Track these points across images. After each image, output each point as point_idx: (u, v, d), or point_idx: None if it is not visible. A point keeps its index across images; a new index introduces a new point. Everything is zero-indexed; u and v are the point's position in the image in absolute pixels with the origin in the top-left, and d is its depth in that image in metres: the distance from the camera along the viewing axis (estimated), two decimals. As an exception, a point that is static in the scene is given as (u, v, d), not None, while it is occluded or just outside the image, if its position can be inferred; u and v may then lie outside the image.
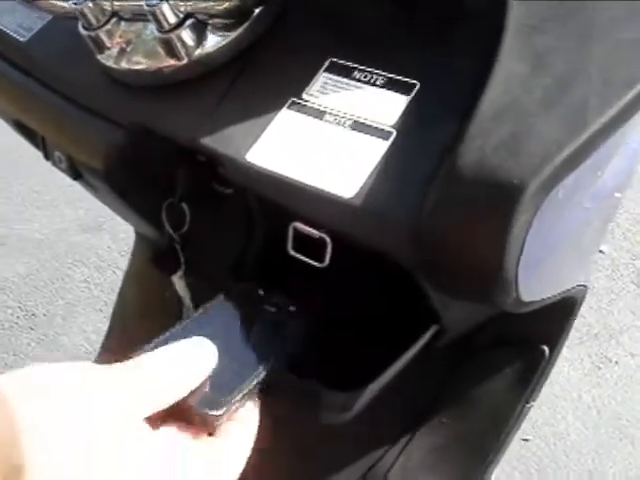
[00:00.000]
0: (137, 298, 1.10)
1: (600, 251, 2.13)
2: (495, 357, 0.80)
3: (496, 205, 0.47)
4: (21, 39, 0.79)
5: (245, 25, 0.64)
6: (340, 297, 0.66)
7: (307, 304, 0.61)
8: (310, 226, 0.59)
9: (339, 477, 0.85)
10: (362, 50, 0.61)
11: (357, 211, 0.53)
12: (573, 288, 0.72)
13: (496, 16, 0.54)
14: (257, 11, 0.64)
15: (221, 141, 0.60)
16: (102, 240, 2.37)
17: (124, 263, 2.28)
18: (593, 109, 0.48)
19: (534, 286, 0.56)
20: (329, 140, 0.57)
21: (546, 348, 0.78)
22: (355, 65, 0.61)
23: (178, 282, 0.74)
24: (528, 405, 0.81)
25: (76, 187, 0.94)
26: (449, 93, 0.56)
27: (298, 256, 0.61)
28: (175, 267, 0.72)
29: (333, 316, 0.63)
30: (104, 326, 1.26)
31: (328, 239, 0.58)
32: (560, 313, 0.76)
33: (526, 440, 1.71)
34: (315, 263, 0.60)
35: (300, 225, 0.59)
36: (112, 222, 2.27)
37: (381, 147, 0.55)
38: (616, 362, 1.91)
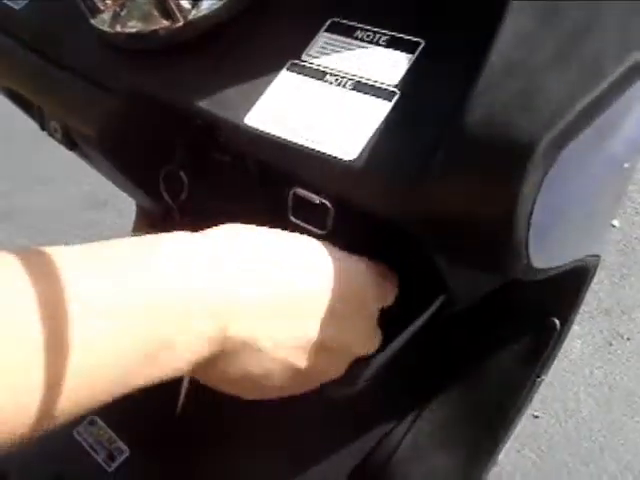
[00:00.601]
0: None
1: (612, 225, 2.11)
2: (505, 330, 0.78)
3: (506, 163, 0.45)
4: (15, 7, 0.78)
5: (242, -15, 0.62)
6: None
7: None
8: (311, 191, 0.57)
9: (346, 452, 0.84)
10: (364, 9, 0.59)
11: (359, 174, 0.51)
12: (586, 257, 0.70)
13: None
14: (255, -30, 0.62)
15: (219, 105, 0.59)
16: (107, 216, 2.36)
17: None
18: (608, 59, 0.46)
19: (545, 252, 0.55)
20: (330, 102, 0.55)
21: (557, 321, 0.76)
22: (357, 24, 0.58)
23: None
24: (539, 379, 0.79)
25: (80, 163, 0.93)
26: (455, 51, 0.54)
27: (299, 222, 0.59)
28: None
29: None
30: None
31: (330, 205, 0.56)
32: (572, 284, 0.74)
33: (537, 417, 1.70)
34: (316, 230, 0.58)
35: (301, 190, 0.57)
36: (117, 198, 2.26)
37: (384, 108, 0.53)
38: (628, 338, 1.89)
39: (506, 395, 0.80)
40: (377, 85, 0.54)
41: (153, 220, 0.78)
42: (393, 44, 0.56)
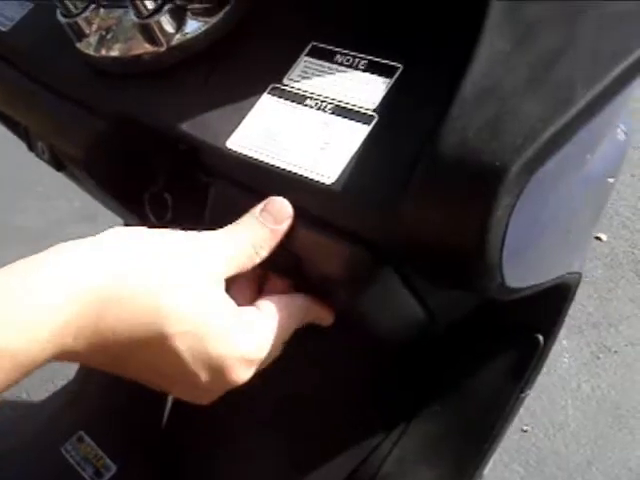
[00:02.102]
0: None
1: (598, 239, 2.12)
2: (489, 346, 0.79)
3: (478, 187, 0.46)
4: (2, 28, 0.78)
5: (225, 10, 0.63)
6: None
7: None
8: None
9: (333, 467, 0.84)
10: (344, 34, 0.60)
11: (338, 197, 0.52)
12: (565, 275, 0.71)
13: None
14: (237, -5, 0.63)
15: (201, 128, 0.60)
16: (97, 231, 2.35)
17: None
18: (579, 85, 0.47)
19: (521, 272, 0.55)
20: (310, 125, 0.56)
21: (541, 337, 0.77)
22: (337, 49, 0.59)
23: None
24: (523, 394, 0.80)
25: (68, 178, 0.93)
26: (432, 75, 0.55)
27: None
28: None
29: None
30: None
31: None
32: (554, 301, 0.75)
33: (525, 431, 1.70)
34: None
35: None
36: (107, 213, 2.26)
37: (362, 132, 0.54)
38: (615, 351, 1.90)
39: (491, 410, 0.80)
40: (356, 109, 0.55)
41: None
42: (372, 68, 0.57)
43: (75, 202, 2.41)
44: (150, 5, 0.61)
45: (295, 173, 0.54)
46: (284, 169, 0.55)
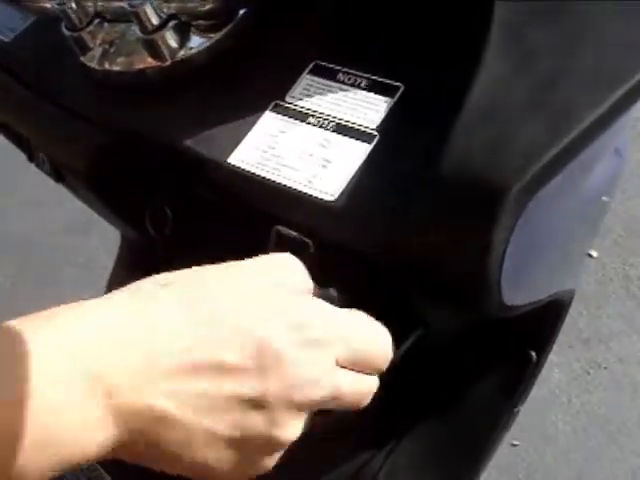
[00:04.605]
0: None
1: (590, 256, 2.13)
2: (482, 361, 0.79)
3: (479, 208, 0.46)
4: (4, 39, 0.79)
5: (229, 27, 0.64)
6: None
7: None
8: (293, 229, 0.58)
9: (327, 476, 0.84)
10: (347, 53, 0.61)
11: (339, 214, 0.53)
12: (560, 292, 0.72)
13: (482, 16, 0.53)
14: (241, 13, 0.64)
15: (204, 144, 0.60)
16: (90, 241, 2.36)
17: (112, 264, 2.27)
18: (579, 110, 0.47)
19: (518, 290, 0.56)
20: (312, 143, 0.57)
21: (533, 353, 0.77)
22: (339, 67, 0.60)
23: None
24: (516, 409, 0.80)
25: (63, 187, 0.94)
26: (433, 95, 0.55)
27: None
28: (158, 270, 0.72)
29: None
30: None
31: (310, 243, 0.57)
32: (548, 318, 0.75)
33: (515, 445, 1.70)
34: None
35: (282, 229, 0.59)
36: (100, 223, 2.26)
37: (364, 150, 0.55)
38: (605, 367, 1.91)
39: (483, 425, 0.80)
40: (357, 127, 0.56)
41: (137, 248, 0.79)
42: (374, 87, 0.58)
43: (68, 211, 2.41)
44: (155, 21, 0.62)
45: (296, 189, 0.55)
46: (285, 185, 0.55)
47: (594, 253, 2.15)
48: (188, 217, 0.67)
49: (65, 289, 2.17)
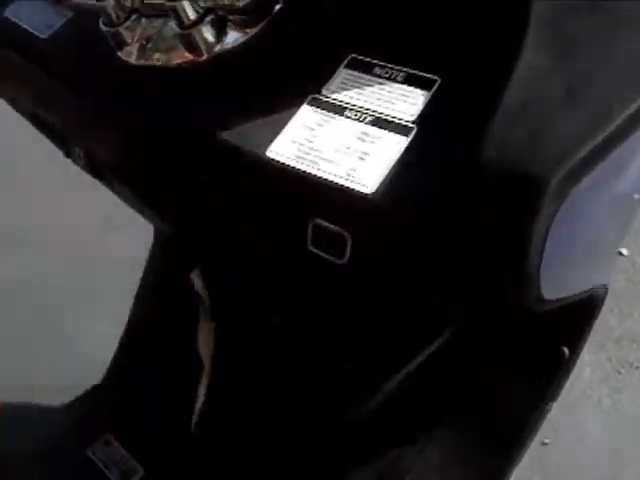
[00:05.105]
0: (154, 293, 1.11)
1: (620, 254, 2.12)
2: (515, 358, 0.79)
3: (519, 199, 0.47)
4: (42, 36, 0.80)
5: (264, 21, 0.64)
6: (359, 295, 0.66)
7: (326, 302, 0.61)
8: (330, 222, 0.58)
9: (357, 477, 0.84)
10: (382, 46, 0.61)
11: (377, 207, 0.53)
12: (593, 288, 0.72)
13: (520, 9, 0.53)
14: (277, 7, 0.64)
15: (241, 137, 0.60)
16: (121, 236, 2.37)
17: (144, 258, 2.28)
18: (616, 104, 0.48)
19: (553, 284, 0.56)
20: (349, 136, 0.57)
21: (566, 349, 0.77)
22: (375, 61, 0.60)
23: (196, 280, 0.74)
24: (547, 406, 0.80)
25: (97, 183, 0.94)
26: (470, 88, 0.55)
27: (318, 252, 0.61)
28: (193, 264, 0.73)
29: (353, 312, 0.63)
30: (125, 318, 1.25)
31: (348, 235, 0.58)
32: (581, 314, 0.75)
33: (545, 444, 1.69)
34: (335, 259, 0.60)
35: (320, 221, 0.59)
36: (134, 218, 2.27)
37: (401, 143, 0.55)
38: (636, 366, 1.89)
39: (515, 422, 0.80)
40: (395, 121, 0.56)
41: (170, 243, 0.80)
42: (410, 81, 0.58)
43: (101, 207, 2.43)
44: (192, 16, 0.62)
45: (334, 182, 0.55)
46: (323, 178, 0.55)
47: (625, 251, 2.14)
48: (224, 211, 0.67)
49: (99, 284, 2.18)
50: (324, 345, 0.61)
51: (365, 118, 0.57)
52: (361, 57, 0.61)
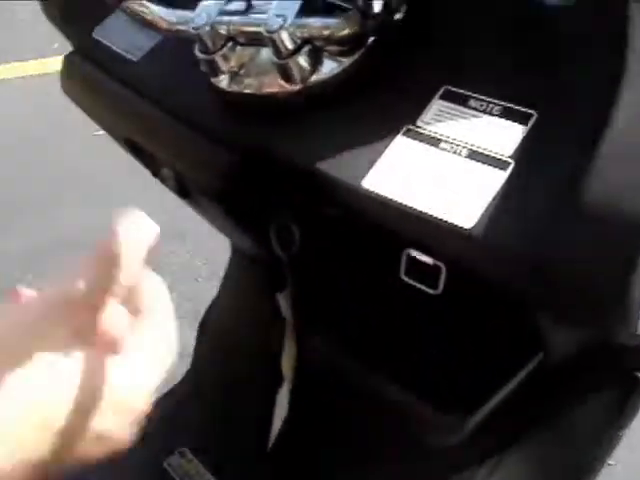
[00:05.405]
0: (231, 309, 1.11)
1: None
2: (589, 383, 0.79)
3: (622, 242, 0.47)
4: (133, 58, 0.81)
5: (360, 52, 0.65)
6: (450, 321, 0.66)
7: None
8: (424, 253, 0.59)
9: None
10: (476, 78, 0.61)
11: (477, 242, 0.53)
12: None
13: (620, 47, 0.53)
14: (372, 38, 0.65)
15: (337, 167, 0.61)
16: (184, 247, 2.39)
17: (205, 272, 2.30)
18: None
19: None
20: (445, 168, 0.57)
21: (640, 375, 0.77)
22: (470, 93, 0.61)
23: (283, 301, 0.75)
24: (620, 432, 0.80)
25: (157, 194, 0.95)
26: (568, 125, 0.55)
27: (411, 282, 0.61)
28: (281, 286, 0.73)
29: (443, 338, 0.64)
30: (185, 333, 1.26)
31: (443, 267, 0.58)
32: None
33: (611, 465, 1.68)
34: (429, 290, 0.60)
35: (414, 252, 0.59)
36: (195, 230, 2.29)
37: (499, 177, 0.55)
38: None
39: (589, 446, 0.80)
40: (492, 155, 0.56)
41: (257, 266, 0.81)
42: (506, 115, 0.58)
43: (162, 218, 2.46)
44: (290, 45, 0.63)
45: (433, 216, 0.55)
46: (421, 211, 0.56)
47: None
48: (315, 237, 0.68)
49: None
50: (414, 372, 0.62)
51: (461, 151, 0.57)
52: (455, 89, 0.61)
